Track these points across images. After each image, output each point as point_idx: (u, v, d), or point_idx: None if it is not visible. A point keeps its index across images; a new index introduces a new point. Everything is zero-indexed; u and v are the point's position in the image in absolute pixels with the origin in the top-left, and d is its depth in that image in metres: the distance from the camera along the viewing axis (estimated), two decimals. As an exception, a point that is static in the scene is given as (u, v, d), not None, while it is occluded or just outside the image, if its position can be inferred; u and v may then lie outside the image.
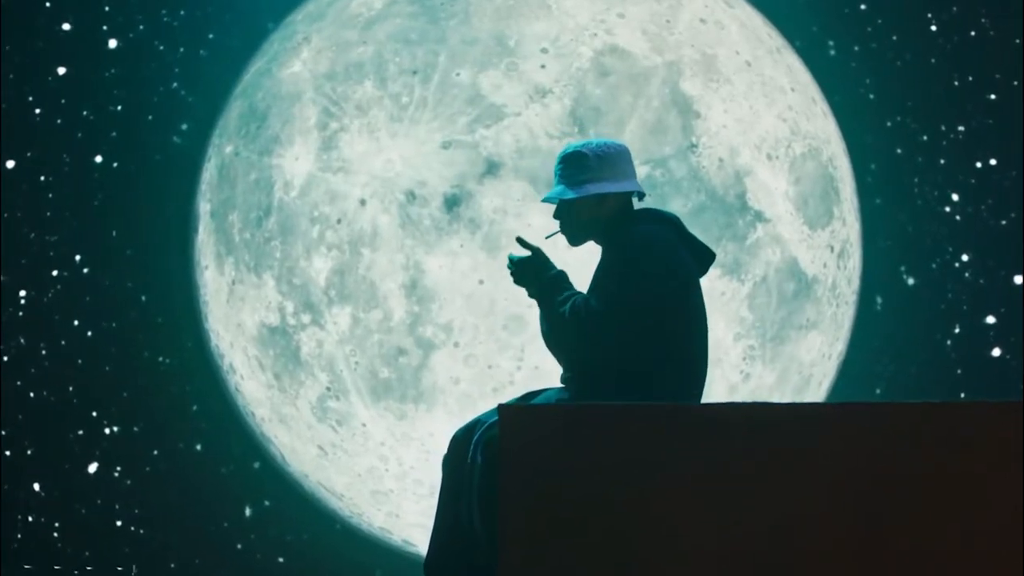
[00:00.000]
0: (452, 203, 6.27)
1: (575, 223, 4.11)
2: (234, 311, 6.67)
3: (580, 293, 3.98)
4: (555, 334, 3.91)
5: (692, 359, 3.96)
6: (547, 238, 4.21)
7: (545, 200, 4.16)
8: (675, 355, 3.91)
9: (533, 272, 4.00)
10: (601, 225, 4.09)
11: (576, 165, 4.06)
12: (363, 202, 6.36)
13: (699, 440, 2.76)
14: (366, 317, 6.36)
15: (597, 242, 4.18)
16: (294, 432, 6.76)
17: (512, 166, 6.26)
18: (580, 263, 4.40)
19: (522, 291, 4.25)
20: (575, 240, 4.16)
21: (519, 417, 2.82)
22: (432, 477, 6.07)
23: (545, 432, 2.81)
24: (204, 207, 6.86)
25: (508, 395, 6.25)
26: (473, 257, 6.26)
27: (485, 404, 6.23)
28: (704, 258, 4.11)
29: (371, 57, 6.43)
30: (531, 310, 6.10)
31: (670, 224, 4.06)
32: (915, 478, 2.71)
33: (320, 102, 6.48)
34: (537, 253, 4.06)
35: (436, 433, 6.39)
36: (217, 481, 7.11)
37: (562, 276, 4.04)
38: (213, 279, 6.80)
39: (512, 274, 4.01)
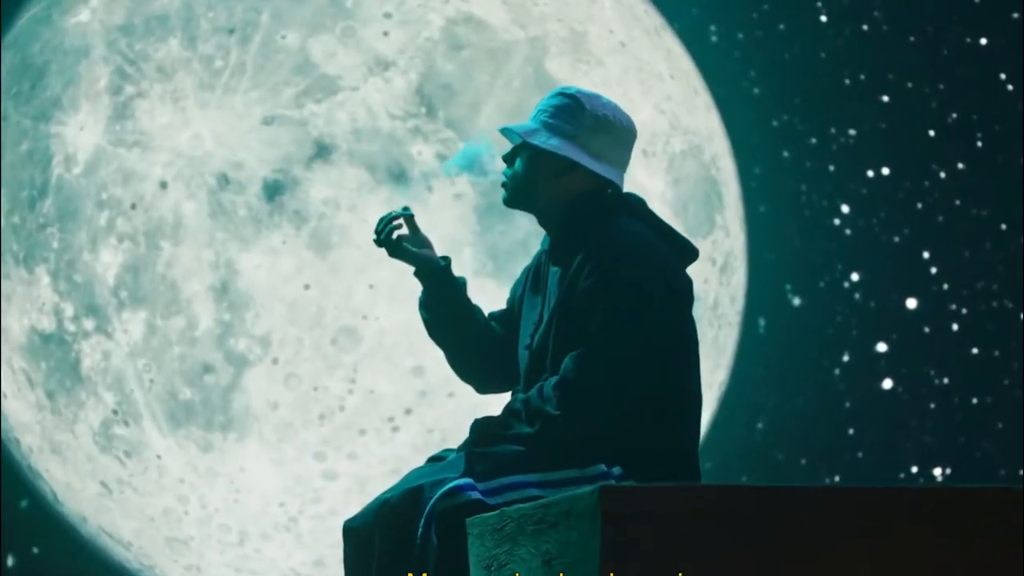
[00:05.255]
0: (273, 191, 6.18)
1: (526, 178, 3.63)
2: (-3, 314, 6.66)
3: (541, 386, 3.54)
4: (545, 442, 3.50)
5: (695, 394, 3.61)
6: (400, 217, 3.77)
7: (505, 130, 3.70)
8: (683, 396, 3.58)
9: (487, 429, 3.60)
10: (557, 201, 3.65)
11: (566, 114, 3.62)
12: (164, 185, 6.27)
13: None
14: (165, 325, 6.27)
15: (542, 220, 3.71)
16: (71, 465, 6.60)
17: (347, 149, 6.17)
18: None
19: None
20: (514, 199, 3.68)
21: (623, 499, 2.81)
22: (243, 522, 6.20)
23: (658, 517, 2.81)
24: (-41, 183, 6.82)
25: (337, 424, 6.13)
26: (298, 256, 6.14)
27: (309, 434, 6.14)
28: (687, 257, 3.70)
29: (178, 9, 6.35)
30: (366, 322, 6.10)
31: (648, 219, 3.66)
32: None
33: (113, 60, 6.39)
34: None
35: (248, 468, 6.23)
36: (-26, 524, 7.03)
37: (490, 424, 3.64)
38: (-31, 274, 6.79)
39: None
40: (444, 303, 3.73)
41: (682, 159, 6.80)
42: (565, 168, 3.58)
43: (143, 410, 6.31)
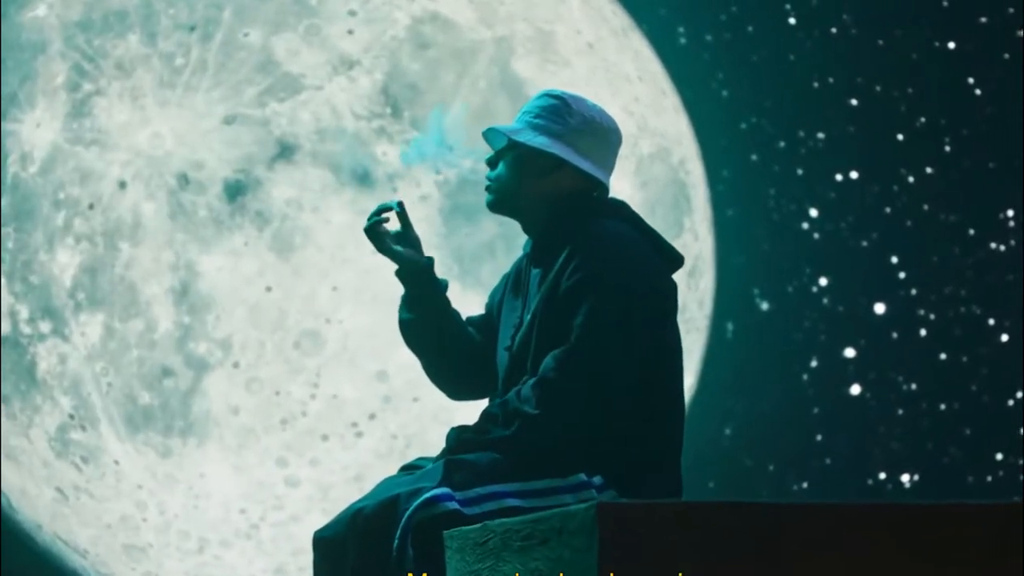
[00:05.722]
0: (235, 191, 6.15)
1: (511, 178, 3.61)
2: (-52, 316, 6.64)
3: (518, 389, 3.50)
4: (518, 452, 3.45)
5: (678, 402, 3.56)
6: (390, 210, 3.74)
7: (490, 130, 3.68)
8: (666, 405, 3.52)
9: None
10: (542, 201, 3.63)
11: (552, 114, 3.62)
12: (123, 184, 6.24)
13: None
14: (123, 328, 6.23)
15: (525, 223, 3.69)
16: (25, 470, 6.57)
17: (310, 150, 6.14)
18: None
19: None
20: (499, 201, 3.65)
21: (619, 516, 2.82)
22: (202, 529, 6.17)
23: (654, 534, 2.82)
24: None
25: (300, 429, 6.11)
26: (260, 258, 6.12)
27: (270, 440, 6.12)
28: (673, 264, 3.66)
29: (137, 5, 6.31)
30: (329, 326, 6.08)
31: (636, 223, 3.64)
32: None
33: (71, 57, 6.36)
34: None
35: (208, 474, 6.20)
36: (-78, 532, 7.00)
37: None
38: (-80, 275, 6.79)
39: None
40: (424, 304, 3.69)
41: (650, 162, 6.80)
42: (552, 167, 3.57)
43: (100, 415, 6.28)
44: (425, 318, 3.68)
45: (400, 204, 3.68)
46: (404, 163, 4.38)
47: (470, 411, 6.21)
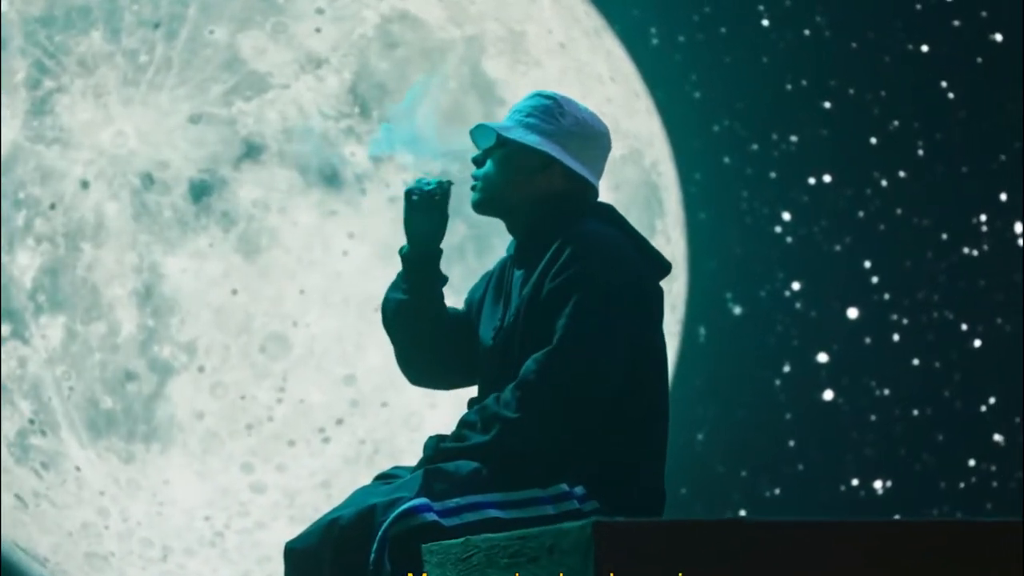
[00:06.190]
0: (200, 192, 6.16)
1: (499, 177, 3.59)
2: (-95, 317, 6.70)
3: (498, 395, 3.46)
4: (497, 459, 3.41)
5: (663, 410, 3.52)
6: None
7: (480, 127, 3.66)
8: (650, 411, 3.48)
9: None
10: (529, 200, 3.61)
11: (544, 114, 3.60)
12: (85, 184, 6.25)
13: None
14: (85, 331, 6.23)
15: (511, 223, 3.67)
16: None
17: (277, 150, 6.15)
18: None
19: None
20: (485, 200, 3.63)
21: (616, 534, 2.80)
22: (166, 536, 6.17)
23: (651, 552, 2.80)
24: None
25: (265, 434, 6.11)
26: (225, 260, 6.13)
27: (236, 445, 6.12)
28: (660, 270, 3.64)
29: (101, 1, 6.31)
30: (296, 329, 6.11)
31: (622, 226, 3.61)
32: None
33: (31, 53, 6.36)
34: None
35: (172, 481, 6.19)
36: None
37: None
38: None
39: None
40: (419, 290, 3.66)
41: (622, 163, 6.80)
42: (541, 166, 3.56)
43: (61, 419, 6.29)
44: (416, 303, 3.64)
45: (451, 185, 3.67)
46: (372, 153, 4.32)
47: (441, 416, 6.22)
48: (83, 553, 6.48)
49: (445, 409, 6.21)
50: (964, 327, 7.83)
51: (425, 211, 3.66)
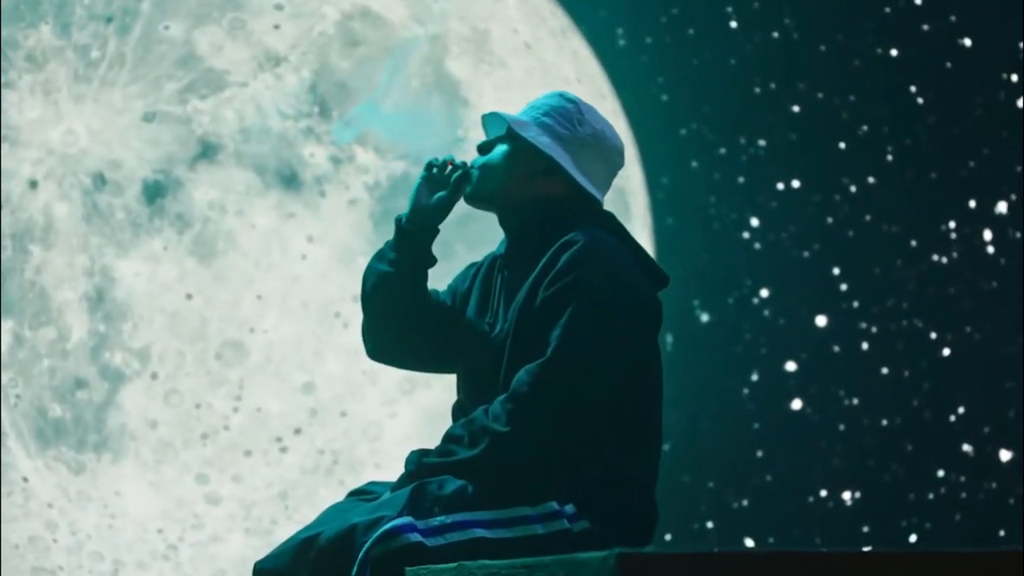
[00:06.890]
0: (154, 193, 6.16)
1: (501, 170, 3.57)
2: None
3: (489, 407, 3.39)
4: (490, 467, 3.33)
5: (656, 424, 3.47)
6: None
7: (493, 115, 3.64)
8: (644, 426, 3.42)
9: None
10: (526, 201, 3.58)
11: (563, 117, 3.55)
12: (34, 184, 6.25)
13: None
14: (33, 336, 6.22)
15: (503, 219, 3.63)
16: None
17: (234, 150, 6.16)
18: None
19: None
20: (480, 191, 3.62)
21: (640, 566, 2.71)
22: (117, 550, 6.14)
23: None
24: None
25: (221, 444, 6.10)
26: (180, 264, 6.13)
27: (190, 455, 6.12)
28: (658, 283, 3.59)
29: None
30: (253, 336, 6.11)
31: (621, 235, 3.56)
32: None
33: None
34: None
35: (123, 492, 6.17)
36: None
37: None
38: None
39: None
40: (408, 264, 3.59)
41: (589, 167, 6.88)
42: (545, 170, 3.52)
43: (8, 428, 6.23)
44: (399, 278, 3.57)
45: (472, 170, 3.64)
46: (338, 140, 4.27)
47: (401, 426, 6.16)
48: (30, 568, 6.44)
49: (406, 418, 6.23)
50: (933, 335, 7.85)
51: (438, 185, 3.60)
